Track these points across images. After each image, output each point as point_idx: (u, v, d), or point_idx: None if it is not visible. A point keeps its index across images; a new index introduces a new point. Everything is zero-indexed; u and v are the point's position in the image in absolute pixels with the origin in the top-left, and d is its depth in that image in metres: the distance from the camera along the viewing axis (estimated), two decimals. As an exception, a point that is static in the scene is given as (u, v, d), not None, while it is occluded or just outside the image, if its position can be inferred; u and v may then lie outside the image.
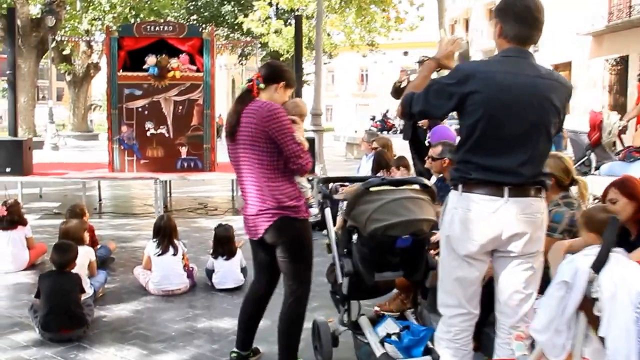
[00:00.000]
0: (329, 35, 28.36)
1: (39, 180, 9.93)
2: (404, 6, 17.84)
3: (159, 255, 5.41)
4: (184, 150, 9.51)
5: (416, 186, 3.67)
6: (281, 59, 37.13)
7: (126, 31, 9.57)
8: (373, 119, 48.22)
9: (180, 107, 9.45)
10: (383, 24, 24.52)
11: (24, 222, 6.17)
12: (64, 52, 34.12)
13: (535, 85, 2.81)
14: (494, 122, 2.79)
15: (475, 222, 2.82)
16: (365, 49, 31.46)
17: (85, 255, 5.07)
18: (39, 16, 27.02)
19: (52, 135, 26.19)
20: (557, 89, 2.87)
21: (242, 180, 3.50)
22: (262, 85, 3.49)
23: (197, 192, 11.62)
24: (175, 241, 5.53)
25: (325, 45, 25.87)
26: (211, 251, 5.73)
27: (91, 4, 30.82)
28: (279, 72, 3.60)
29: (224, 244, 5.62)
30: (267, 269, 3.69)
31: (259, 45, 29.89)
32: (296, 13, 32.49)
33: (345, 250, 3.69)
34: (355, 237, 3.57)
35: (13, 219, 6.02)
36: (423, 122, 8.49)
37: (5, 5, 28.41)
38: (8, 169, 8.58)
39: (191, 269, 5.66)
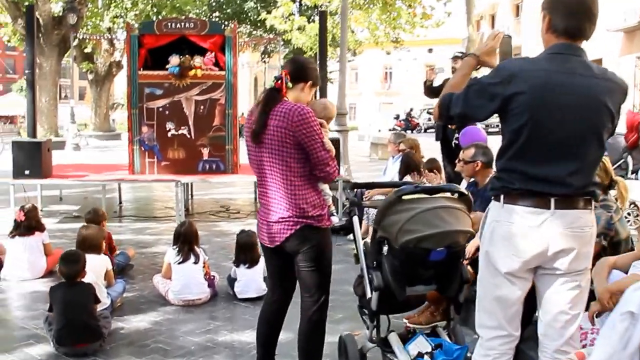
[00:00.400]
0: (353, 32, 28.05)
1: (59, 182, 9.75)
2: (430, 2, 17.47)
3: (179, 263, 5.19)
4: (205, 152, 9.28)
5: (452, 194, 3.40)
6: (304, 56, 37.10)
7: (147, 29, 9.36)
8: (397, 117, 47.97)
9: (202, 107, 9.22)
10: (408, 20, 24.15)
11: (41, 228, 5.97)
12: (86, 51, 34.17)
13: (589, 87, 2.53)
14: (540, 126, 2.52)
15: (518, 236, 2.58)
16: (390, 46, 31.13)
17: (102, 264, 4.87)
18: (60, 14, 27.01)
19: (74, 135, 26.23)
20: (613, 91, 2.59)
21: (264, 184, 3.31)
22: (289, 84, 3.28)
23: (218, 194, 11.42)
24: (196, 248, 5.31)
25: (349, 42, 25.58)
26: (233, 258, 5.49)
27: (113, 2, 30.81)
28: (306, 70, 3.39)
29: (246, 251, 5.38)
30: (283, 279, 3.52)
31: (282, 42, 29.75)
32: (320, 9, 32.39)
33: (374, 262, 3.44)
34: (385, 248, 3.33)
35: (30, 224, 5.82)
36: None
37: (26, 3, 28.63)
38: (27, 172, 8.40)
39: (212, 277, 5.43)
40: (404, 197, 3.27)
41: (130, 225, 8.73)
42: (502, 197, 2.64)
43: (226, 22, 23.76)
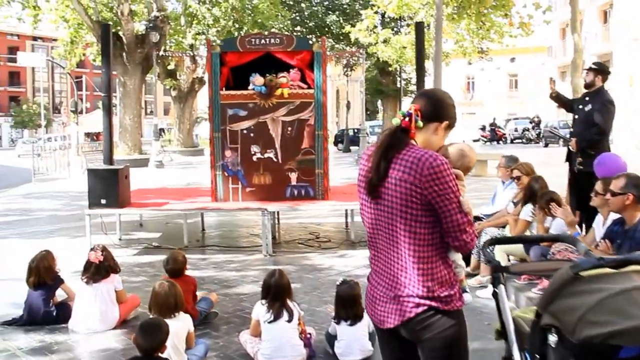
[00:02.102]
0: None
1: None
2: (526, 10, 16.23)
3: (270, 322, 4.37)
4: (293, 177, 8.51)
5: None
6: (390, 69, 36.29)
7: (229, 45, 8.68)
8: (483, 128, 46.50)
9: (290, 128, 8.47)
10: (497, 30, 22.96)
11: (115, 271, 5.27)
12: (169, 68, 34.56)
13: None
14: None
15: None
16: (477, 56, 29.93)
17: (183, 327, 4.13)
18: (143, 33, 27.25)
19: (157, 152, 26.28)
20: None
21: (378, 249, 2.58)
22: (420, 123, 2.49)
23: (306, 218, 10.62)
24: (289, 303, 4.48)
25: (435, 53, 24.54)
26: (329, 301, 4.63)
27: (195, 19, 30.93)
28: (444, 107, 2.57)
29: (348, 307, 4.51)
30: None
31: (365, 55, 29.01)
32: (405, 21, 31.58)
33: (537, 355, 2.59)
34: (553, 339, 2.47)
35: (102, 268, 5.11)
36: (572, 144, 7.18)
37: (111, 23, 29.08)
38: (103, 201, 7.84)
39: (308, 335, 4.58)
40: (583, 274, 2.42)
41: (213, 257, 8.02)
42: None
43: (310, 36, 23.25)
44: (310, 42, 8.80)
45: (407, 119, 2.49)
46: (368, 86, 32.90)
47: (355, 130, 44.35)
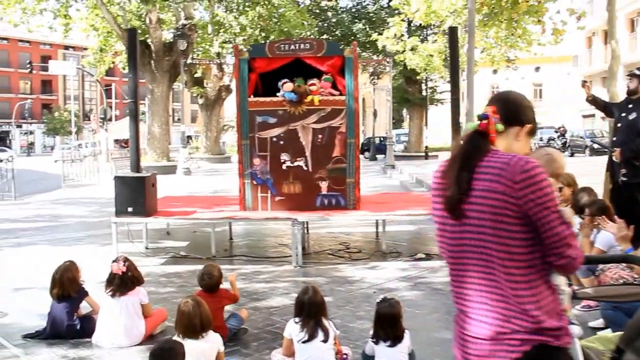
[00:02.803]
0: (465, 53, 26.60)
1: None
2: (560, 16, 15.84)
3: (304, 341, 4.12)
4: (324, 186, 8.29)
5: None
6: (417, 77, 35.99)
7: (257, 51, 8.51)
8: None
9: (320, 136, 8.25)
10: (526, 38, 22.56)
11: (140, 282, 5.04)
12: (196, 76, 34.68)
13: None
14: None
15: None
16: (504, 65, 29.53)
17: (213, 347, 3.91)
18: (171, 41, 27.35)
19: (185, 159, 26.30)
20: None
21: (467, 281, 2.14)
22: (500, 126, 2.16)
23: (335, 228, 10.36)
24: (324, 322, 4.23)
25: (463, 62, 24.24)
26: (371, 333, 4.36)
27: (222, 27, 30.98)
28: (523, 109, 2.25)
29: (388, 327, 4.23)
30: None
31: (392, 63, 28.78)
32: (432, 29, 31.31)
33: None
34: None
35: (126, 280, 4.89)
36: (616, 155, 6.86)
37: (139, 31, 29.23)
38: (130, 209, 7.67)
39: (345, 356, 4.34)
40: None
41: (241, 267, 7.79)
42: None
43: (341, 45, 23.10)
44: (342, 47, 8.57)
45: (485, 121, 2.16)
46: (394, 94, 32.59)
47: (382, 139, 44.10)
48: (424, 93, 39.06)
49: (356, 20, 38.04)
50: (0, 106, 78.68)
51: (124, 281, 4.82)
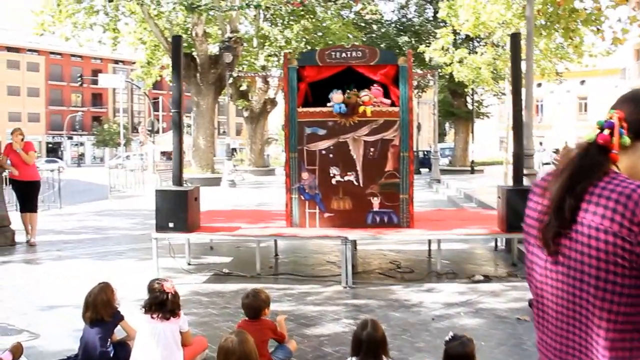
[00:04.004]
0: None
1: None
2: (620, 24, 15.06)
3: (363, 382, 3.64)
4: (376, 202, 7.81)
5: None
6: (464, 90, 35.25)
7: (307, 60, 8.10)
8: (556, 151, 44.81)
9: (372, 149, 7.79)
10: (576, 49, 21.75)
11: (177, 311, 4.44)
12: (241, 89, 34.72)
13: None
14: None
15: None
16: (554, 77, 28.59)
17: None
18: (217, 54, 27.36)
19: (229, 171, 26.20)
20: None
21: (550, 329, 1.66)
22: (627, 140, 1.59)
23: (385, 245, 9.83)
24: None
25: (509, 75, 23.54)
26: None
27: (267, 40, 30.91)
28: None
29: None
30: None
31: (438, 76, 28.17)
32: (479, 42, 30.59)
33: None
34: None
35: (165, 305, 4.35)
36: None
37: (185, 44, 29.33)
38: (171, 224, 7.31)
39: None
40: None
41: (288, 288, 7.34)
42: None
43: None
44: (396, 55, 8.12)
45: (606, 131, 1.61)
46: (439, 108, 31.96)
47: (425, 152, 43.44)
48: (469, 106, 38.25)
49: (402, 33, 37.57)
50: (53, 118, 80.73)
51: (168, 305, 4.35)
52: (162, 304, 4.35)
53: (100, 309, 4.50)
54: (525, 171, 10.17)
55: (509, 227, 7.48)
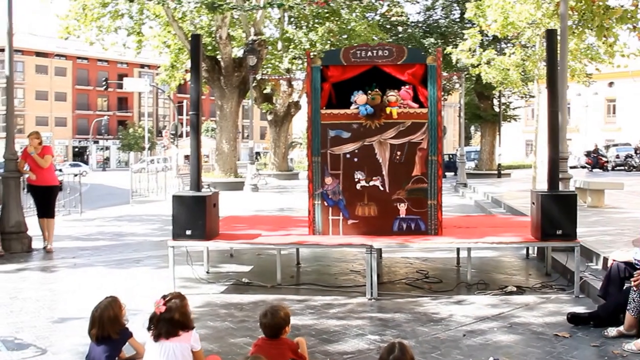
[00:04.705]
0: (542, 67, 25.24)
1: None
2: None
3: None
4: (402, 208, 7.41)
5: None
6: (491, 92, 34.63)
7: (331, 59, 7.72)
8: (588, 154, 44.02)
9: (399, 153, 7.39)
10: (608, 50, 21.12)
11: (188, 326, 4.09)
12: (265, 92, 34.54)
13: None
14: None
15: None
16: (584, 79, 27.89)
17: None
18: (240, 56, 27.16)
19: (252, 176, 25.98)
20: None
21: None
22: None
23: (410, 252, 9.41)
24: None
25: (541, 76, 22.98)
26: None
27: (291, 43, 30.66)
28: None
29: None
30: None
31: (465, 78, 27.63)
32: (506, 43, 29.98)
33: None
34: None
35: (170, 321, 4.01)
36: None
37: (210, 47, 29.20)
38: (188, 232, 6.95)
39: None
40: None
41: (310, 299, 6.95)
42: None
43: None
44: (424, 54, 7.71)
45: None
46: (465, 110, 31.40)
47: (451, 156, 42.86)
48: (496, 109, 37.60)
49: (427, 35, 37.06)
50: (80, 123, 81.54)
51: (166, 323, 4.00)
52: (159, 322, 4.01)
53: (107, 325, 4.18)
54: (559, 175, 9.70)
55: (543, 235, 7.02)
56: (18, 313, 6.40)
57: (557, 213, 6.96)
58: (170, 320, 3.96)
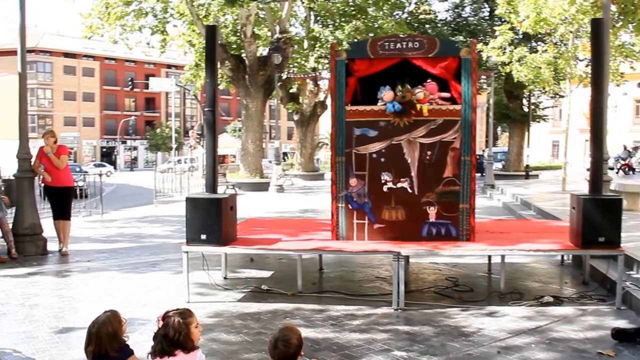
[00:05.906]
0: (575, 65, 24.43)
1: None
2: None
3: None
4: (432, 212, 6.91)
5: None
6: (521, 91, 33.78)
7: (358, 51, 7.21)
8: (624, 158, 42.86)
9: (429, 152, 6.89)
10: (642, 47, 20.38)
11: (188, 347, 3.59)
12: (291, 91, 34.18)
13: None
14: None
15: None
16: (618, 77, 27.00)
17: None
18: (265, 55, 26.79)
19: (278, 176, 25.60)
20: None
21: None
22: None
23: (439, 258, 8.88)
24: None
25: (573, 75, 22.26)
26: None
27: (318, 42, 30.23)
28: None
29: None
30: None
31: (494, 76, 26.92)
32: (538, 41, 29.21)
33: None
34: None
35: (167, 338, 3.57)
36: None
37: (235, 46, 28.89)
38: (203, 236, 6.50)
39: None
40: None
41: (331, 309, 6.49)
42: None
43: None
44: (458, 45, 7.19)
45: None
46: (493, 110, 30.60)
47: (478, 156, 42.03)
48: (525, 109, 36.70)
49: (456, 33, 36.33)
50: (107, 123, 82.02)
51: (161, 341, 3.57)
52: (155, 339, 3.60)
53: (105, 342, 3.74)
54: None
55: (585, 242, 6.47)
56: (22, 322, 6.05)
57: (600, 219, 6.42)
58: (165, 338, 3.53)
